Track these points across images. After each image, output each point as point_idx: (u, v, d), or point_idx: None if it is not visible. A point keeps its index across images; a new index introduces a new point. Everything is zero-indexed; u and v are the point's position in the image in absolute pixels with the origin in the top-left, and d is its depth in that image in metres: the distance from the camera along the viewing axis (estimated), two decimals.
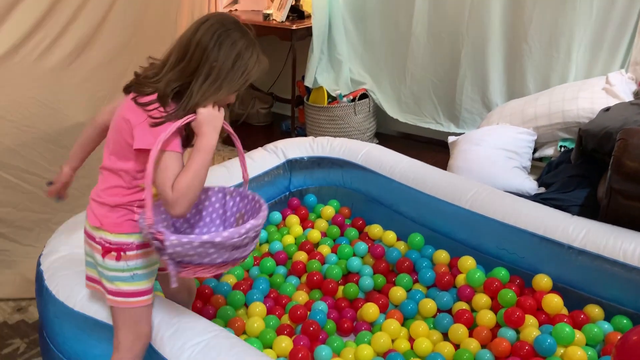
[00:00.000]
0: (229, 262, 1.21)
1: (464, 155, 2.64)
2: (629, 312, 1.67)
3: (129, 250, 1.26)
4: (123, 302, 1.27)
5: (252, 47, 1.24)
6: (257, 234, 1.25)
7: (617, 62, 2.76)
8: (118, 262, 1.25)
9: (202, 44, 1.20)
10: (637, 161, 1.73)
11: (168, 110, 1.19)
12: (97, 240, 1.27)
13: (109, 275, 1.27)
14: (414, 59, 3.30)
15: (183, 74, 1.20)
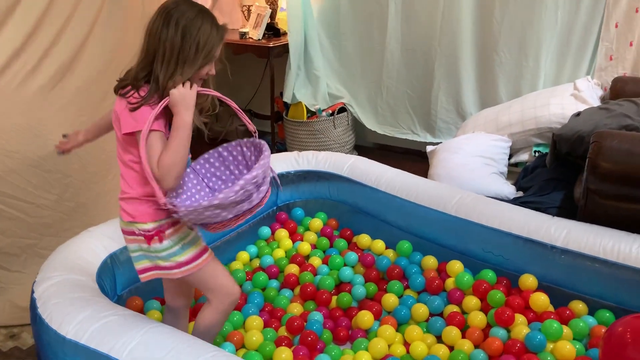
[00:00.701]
0: (241, 214, 1.33)
1: (443, 163, 2.72)
2: (611, 306, 1.76)
3: (166, 230, 1.37)
4: (187, 269, 1.40)
5: (200, 17, 1.32)
6: (258, 184, 1.32)
7: (583, 69, 2.89)
8: (162, 243, 1.37)
9: (153, 29, 1.31)
10: (611, 162, 1.82)
11: (142, 94, 1.31)
12: (137, 233, 1.38)
13: (163, 256, 1.39)
14: (389, 73, 3.39)
15: (146, 61, 1.32)
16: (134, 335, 1.32)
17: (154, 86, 1.31)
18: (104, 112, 2.43)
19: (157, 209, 1.36)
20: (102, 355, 1.30)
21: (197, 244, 1.43)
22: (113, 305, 1.46)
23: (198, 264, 1.41)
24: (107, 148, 2.46)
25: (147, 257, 1.41)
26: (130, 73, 1.37)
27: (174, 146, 1.28)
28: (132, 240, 1.41)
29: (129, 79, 1.35)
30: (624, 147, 1.83)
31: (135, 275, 1.80)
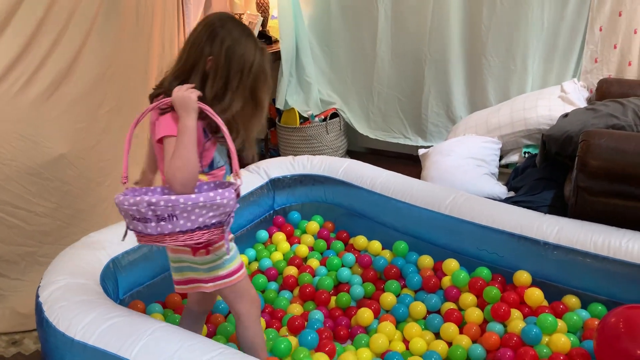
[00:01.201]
0: (142, 234, 1.27)
1: (435, 165, 2.77)
2: (603, 299, 1.81)
3: (215, 243, 1.38)
4: (225, 282, 1.41)
5: (245, 37, 1.33)
6: (157, 214, 1.22)
7: (569, 72, 2.96)
8: (208, 255, 1.38)
9: (196, 41, 1.32)
10: (599, 160, 1.88)
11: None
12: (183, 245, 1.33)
13: (205, 268, 1.40)
14: (379, 78, 3.44)
15: (183, 71, 1.33)
16: (142, 335, 1.34)
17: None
18: (100, 120, 2.49)
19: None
20: (111, 355, 1.32)
21: (237, 259, 1.45)
22: (119, 307, 1.48)
23: (235, 278, 1.43)
24: (104, 156, 2.49)
25: (189, 270, 1.42)
26: (164, 82, 1.36)
27: (177, 152, 1.25)
28: (176, 251, 1.41)
29: (163, 88, 1.35)
30: (612, 145, 1.89)
31: (136, 279, 1.85)
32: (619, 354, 1.44)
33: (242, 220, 2.27)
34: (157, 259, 1.90)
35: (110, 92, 2.51)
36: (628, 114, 2.25)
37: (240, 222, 2.25)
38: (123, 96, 2.57)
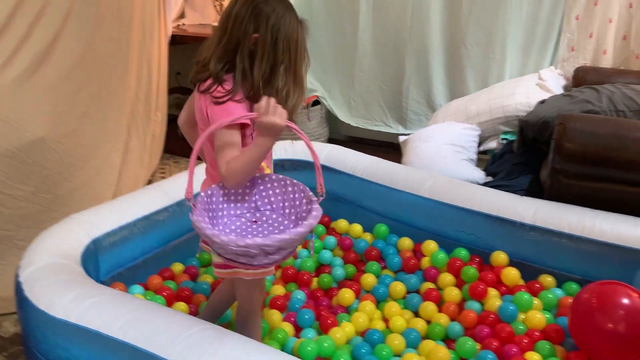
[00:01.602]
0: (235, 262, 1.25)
1: (415, 152, 2.80)
2: (577, 278, 1.86)
3: None
4: (264, 272, 1.37)
5: (289, 13, 1.29)
6: (267, 251, 1.21)
7: (546, 60, 3.02)
8: None
9: (238, 17, 1.27)
10: (575, 143, 1.93)
11: (226, 87, 1.28)
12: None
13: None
14: (361, 67, 3.47)
15: (227, 51, 1.29)
16: (124, 312, 1.34)
17: (240, 80, 1.28)
18: (80, 104, 2.46)
19: None
20: (93, 332, 1.32)
21: None
22: (100, 286, 1.48)
23: (271, 270, 1.39)
24: (84, 141, 2.47)
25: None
26: (206, 63, 1.31)
27: (247, 160, 1.25)
28: None
29: (209, 71, 1.30)
30: (587, 129, 1.94)
31: (118, 261, 1.85)
32: (592, 329, 1.48)
33: None
34: (138, 241, 1.90)
35: (90, 76, 2.49)
36: (603, 100, 2.30)
37: None
38: (103, 81, 2.55)
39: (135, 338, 1.28)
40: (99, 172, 2.56)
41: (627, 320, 1.44)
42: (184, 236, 2.05)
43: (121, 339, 1.28)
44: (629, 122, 1.94)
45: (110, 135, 2.62)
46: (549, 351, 1.58)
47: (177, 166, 3.33)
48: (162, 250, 1.99)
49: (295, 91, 1.34)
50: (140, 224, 1.90)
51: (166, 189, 2.04)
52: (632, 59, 2.86)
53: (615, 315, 1.45)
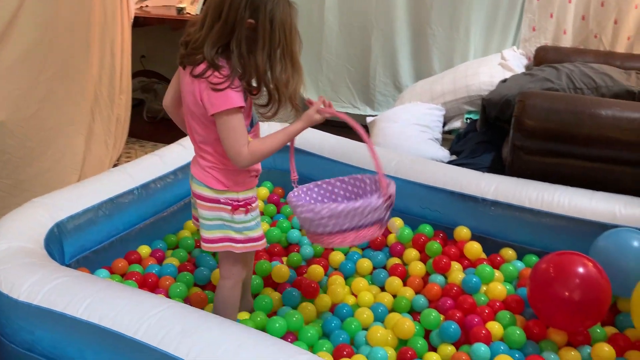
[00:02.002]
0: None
1: (382, 132, 2.84)
2: (537, 250, 1.92)
3: (252, 202, 1.44)
4: (252, 246, 1.46)
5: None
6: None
7: (509, 40, 3.08)
8: (246, 215, 1.43)
9: (234, 2, 1.26)
10: (534, 119, 1.98)
11: (223, 73, 1.28)
12: (223, 201, 1.41)
13: (238, 228, 1.43)
14: (328, 48, 3.47)
15: (221, 36, 1.28)
16: (89, 293, 1.33)
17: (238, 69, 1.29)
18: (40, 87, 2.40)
19: (248, 178, 1.43)
20: (57, 313, 1.31)
21: (261, 226, 1.50)
22: (64, 268, 1.47)
23: (261, 243, 1.47)
24: (46, 125, 2.42)
25: (222, 227, 1.44)
26: (198, 47, 1.30)
27: (273, 145, 1.35)
28: (212, 208, 1.42)
29: (202, 54, 1.29)
30: (546, 105, 1.99)
31: (83, 244, 1.83)
32: (549, 297, 1.54)
33: None
34: (103, 224, 1.88)
35: (50, 58, 2.43)
36: (562, 78, 2.37)
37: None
38: (64, 63, 2.49)
39: (101, 318, 1.27)
40: (62, 156, 2.51)
41: (582, 288, 1.50)
42: (150, 219, 2.04)
43: (86, 319, 1.28)
44: (585, 99, 2.00)
45: (72, 118, 2.58)
46: (509, 321, 1.64)
47: (143, 150, 3.29)
48: (128, 234, 1.97)
49: (294, 75, 1.35)
50: (105, 207, 1.88)
51: (131, 172, 2.02)
52: (590, 38, 2.94)
53: (571, 283, 1.51)
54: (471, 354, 1.52)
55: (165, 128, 3.70)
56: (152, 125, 3.78)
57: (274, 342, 1.20)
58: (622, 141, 1.90)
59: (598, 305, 1.51)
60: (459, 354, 1.52)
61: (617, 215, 1.80)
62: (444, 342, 1.59)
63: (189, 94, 1.36)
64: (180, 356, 1.17)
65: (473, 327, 1.58)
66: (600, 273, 1.52)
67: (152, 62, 3.93)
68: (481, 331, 1.56)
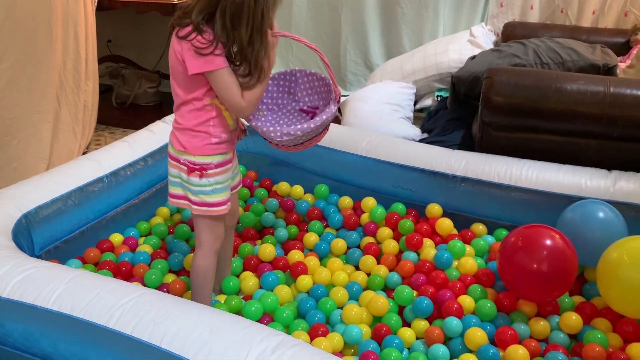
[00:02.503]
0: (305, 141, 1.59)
1: (353, 112, 2.84)
2: (507, 224, 1.96)
3: (209, 169, 1.49)
4: (207, 211, 1.51)
5: None
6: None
7: (477, 17, 3.10)
8: (201, 179, 1.49)
9: None
10: (502, 96, 2.01)
11: (207, 37, 1.36)
12: (182, 162, 1.49)
13: (194, 190, 1.50)
14: (297, 27, 3.44)
15: (209, 4, 1.36)
16: (59, 283, 1.32)
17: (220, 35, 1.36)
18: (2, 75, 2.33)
19: (207, 145, 1.47)
20: (27, 305, 1.30)
21: (225, 193, 1.54)
22: (33, 260, 1.44)
23: (217, 210, 1.52)
24: (9, 114, 2.36)
25: (181, 186, 1.53)
26: (189, 11, 1.38)
27: (263, 86, 1.44)
28: (175, 167, 1.53)
29: (189, 18, 1.37)
30: (513, 81, 2.02)
31: (53, 235, 1.81)
32: (518, 269, 1.58)
33: (163, 173, 2.23)
34: (73, 214, 1.85)
35: (12, 45, 2.36)
36: (529, 54, 2.39)
37: (162, 174, 2.22)
38: (26, 49, 2.42)
39: (72, 308, 1.27)
40: (29, 145, 2.46)
41: (549, 260, 1.54)
42: (121, 207, 2.01)
43: (57, 310, 1.27)
44: (550, 74, 2.03)
45: (37, 106, 2.52)
46: (480, 294, 1.67)
47: (113, 136, 3.24)
48: (99, 222, 1.95)
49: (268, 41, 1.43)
50: (74, 196, 1.85)
51: (100, 159, 1.99)
52: (557, 13, 2.97)
53: (538, 255, 1.55)
54: (444, 327, 1.55)
55: (134, 114, 3.65)
56: (121, 111, 3.71)
57: (248, 324, 1.21)
58: (586, 114, 1.94)
59: (565, 276, 1.56)
60: (432, 328, 1.55)
61: (583, 187, 1.85)
62: (417, 317, 1.62)
63: (171, 53, 1.45)
64: (154, 343, 1.17)
65: (445, 302, 1.62)
66: (567, 244, 1.56)
67: (119, 46, 3.86)
68: (453, 305, 1.59)
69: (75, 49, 2.77)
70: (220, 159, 1.51)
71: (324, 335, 1.54)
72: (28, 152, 2.46)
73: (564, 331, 1.55)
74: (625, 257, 1.48)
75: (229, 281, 1.75)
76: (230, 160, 1.56)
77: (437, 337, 1.53)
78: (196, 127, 1.46)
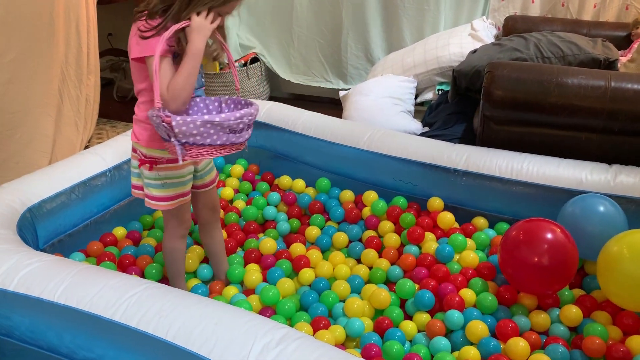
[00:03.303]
0: (227, 145, 1.38)
1: (355, 106, 2.84)
2: (507, 218, 1.97)
3: (160, 163, 1.48)
4: (155, 205, 1.53)
5: None
6: (250, 123, 1.41)
7: (479, 11, 3.09)
8: (151, 172, 1.49)
9: None
10: (502, 90, 2.01)
11: (152, 24, 1.35)
12: (137, 153, 1.51)
13: (145, 182, 1.52)
14: (298, 22, 3.44)
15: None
16: (64, 277, 1.34)
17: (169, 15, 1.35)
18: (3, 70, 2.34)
19: (158, 139, 1.42)
20: (33, 299, 1.31)
21: (177, 189, 1.53)
22: (38, 253, 1.46)
23: (162, 205, 1.53)
24: (11, 108, 2.37)
25: (139, 176, 1.56)
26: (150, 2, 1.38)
27: (186, 72, 1.34)
28: (134, 157, 1.54)
29: (146, 6, 1.38)
30: (514, 75, 2.02)
31: (57, 228, 1.83)
32: (519, 262, 1.59)
33: None
34: (76, 208, 1.87)
35: (14, 39, 2.37)
36: (530, 48, 2.39)
37: None
38: (28, 43, 2.43)
39: (78, 301, 1.28)
40: (30, 139, 2.47)
41: (550, 253, 1.55)
42: (125, 200, 2.03)
43: (63, 303, 1.28)
44: (552, 68, 2.03)
45: (39, 100, 2.52)
46: (481, 287, 1.68)
47: (115, 130, 3.25)
48: (102, 216, 1.96)
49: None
50: (78, 189, 1.87)
51: (103, 153, 2.00)
52: (558, 6, 2.97)
53: (539, 249, 1.55)
54: (445, 320, 1.57)
55: None
56: (122, 104, 3.72)
57: (252, 317, 1.22)
58: (587, 109, 1.94)
59: (566, 269, 1.57)
60: (434, 321, 1.57)
61: (584, 181, 1.85)
62: (419, 310, 1.63)
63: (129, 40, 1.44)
64: (160, 335, 1.18)
65: (447, 295, 1.63)
66: (567, 238, 1.57)
67: (120, 40, 3.85)
68: (455, 298, 1.61)
69: (77, 42, 2.77)
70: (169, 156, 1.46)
71: (326, 328, 1.55)
72: (30, 146, 2.47)
73: (564, 324, 1.57)
74: (625, 251, 1.48)
75: (234, 270, 1.78)
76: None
77: (439, 329, 1.55)
78: (147, 120, 1.44)
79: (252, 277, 1.75)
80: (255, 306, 1.62)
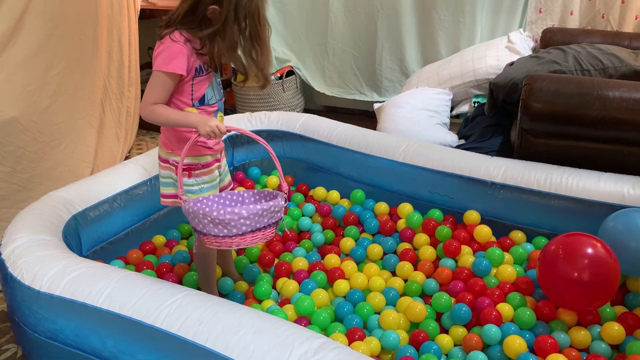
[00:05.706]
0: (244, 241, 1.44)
1: (390, 118, 2.84)
2: (546, 232, 1.94)
3: (196, 169, 1.56)
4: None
5: None
6: (263, 224, 1.44)
7: (515, 23, 3.06)
8: (189, 179, 1.56)
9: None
10: (541, 102, 1.99)
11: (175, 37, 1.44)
12: (171, 162, 1.57)
13: (185, 190, 1.56)
14: (333, 35, 3.47)
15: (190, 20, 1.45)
16: (108, 283, 1.38)
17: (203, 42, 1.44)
18: (51, 82, 2.44)
19: (195, 146, 1.52)
20: (78, 303, 1.35)
21: (209, 193, 1.61)
22: (84, 260, 1.50)
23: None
24: (57, 119, 2.46)
25: (173, 185, 1.60)
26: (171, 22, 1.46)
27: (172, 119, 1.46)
28: (165, 168, 1.60)
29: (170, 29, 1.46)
30: (553, 88, 1.99)
31: (100, 235, 1.88)
32: (558, 277, 1.56)
33: None
34: (118, 216, 1.92)
35: (59, 53, 2.46)
36: (569, 60, 2.36)
37: None
38: (73, 57, 2.52)
39: (121, 307, 1.32)
40: (74, 149, 2.55)
41: (590, 269, 1.52)
42: (165, 209, 2.07)
43: (107, 309, 1.32)
44: (592, 81, 2.00)
45: (83, 112, 2.61)
46: (519, 302, 1.66)
47: (154, 142, 3.32)
48: (143, 224, 2.01)
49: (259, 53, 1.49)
50: (120, 198, 1.92)
51: (144, 164, 2.05)
52: (597, 18, 2.92)
53: (579, 264, 1.52)
54: (482, 335, 1.55)
55: None
56: None
57: (290, 326, 1.23)
58: (629, 122, 1.90)
59: (607, 285, 1.53)
60: (471, 335, 1.55)
61: (626, 195, 1.81)
62: (455, 324, 1.62)
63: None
64: (199, 342, 1.21)
65: (484, 309, 1.61)
66: (608, 253, 1.54)
67: None
68: (492, 313, 1.59)
69: (119, 56, 2.86)
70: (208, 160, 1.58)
71: (361, 340, 1.55)
72: (74, 156, 2.56)
73: (606, 341, 1.53)
74: None
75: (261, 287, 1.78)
76: (218, 160, 1.64)
77: (476, 344, 1.53)
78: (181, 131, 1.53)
79: (290, 287, 1.76)
80: (290, 316, 1.64)
